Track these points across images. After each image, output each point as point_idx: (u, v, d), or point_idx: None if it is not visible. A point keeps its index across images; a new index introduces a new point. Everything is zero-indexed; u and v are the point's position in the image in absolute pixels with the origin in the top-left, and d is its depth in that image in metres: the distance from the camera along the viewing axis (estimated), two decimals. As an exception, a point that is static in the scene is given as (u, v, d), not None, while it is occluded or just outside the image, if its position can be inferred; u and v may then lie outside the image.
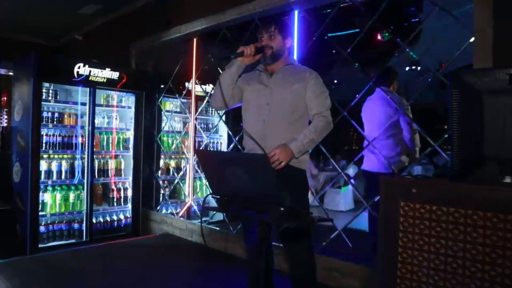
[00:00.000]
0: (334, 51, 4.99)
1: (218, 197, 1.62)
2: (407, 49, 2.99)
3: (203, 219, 4.62)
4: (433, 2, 2.62)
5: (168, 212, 4.81)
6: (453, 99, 1.45)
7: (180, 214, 4.46)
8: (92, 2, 4.99)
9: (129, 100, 4.51)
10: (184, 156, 4.95)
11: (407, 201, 1.52)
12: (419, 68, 7.20)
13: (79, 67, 3.84)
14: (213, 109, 5.43)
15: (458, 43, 2.44)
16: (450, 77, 1.48)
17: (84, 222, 4.08)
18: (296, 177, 2.25)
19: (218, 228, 3.74)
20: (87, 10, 5.23)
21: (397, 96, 3.38)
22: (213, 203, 1.72)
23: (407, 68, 7.22)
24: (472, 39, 2.19)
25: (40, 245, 3.79)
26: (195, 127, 4.61)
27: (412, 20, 4.68)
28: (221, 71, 3.73)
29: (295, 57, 3.01)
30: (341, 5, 3.19)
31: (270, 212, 1.43)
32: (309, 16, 3.45)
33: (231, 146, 4.08)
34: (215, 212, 4.12)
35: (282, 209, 1.40)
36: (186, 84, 4.54)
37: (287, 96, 2.21)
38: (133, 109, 4.49)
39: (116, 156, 4.41)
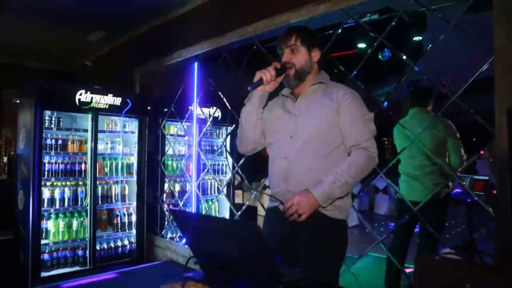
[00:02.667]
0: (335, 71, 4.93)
1: (201, 262, 1.33)
2: (416, 69, 2.81)
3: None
4: (444, 19, 2.49)
5: (174, 236, 4.76)
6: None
7: (184, 241, 4.39)
8: (98, 29, 5.10)
9: (133, 125, 4.52)
10: (190, 179, 4.91)
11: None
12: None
13: (80, 94, 3.87)
14: (219, 132, 5.42)
15: (457, 58, 2.35)
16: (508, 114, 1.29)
17: (88, 249, 4.05)
18: (329, 232, 1.71)
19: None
20: (94, 37, 5.34)
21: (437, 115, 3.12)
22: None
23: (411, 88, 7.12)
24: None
25: (43, 274, 3.75)
26: (197, 151, 4.58)
27: (414, 38, 4.59)
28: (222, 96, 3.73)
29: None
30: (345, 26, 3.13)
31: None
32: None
33: (234, 171, 4.03)
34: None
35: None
36: (189, 107, 4.53)
37: (314, 125, 1.75)
38: (136, 134, 4.50)
39: (120, 182, 4.39)
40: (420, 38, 4.64)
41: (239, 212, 3.81)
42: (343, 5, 2.76)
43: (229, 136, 4.98)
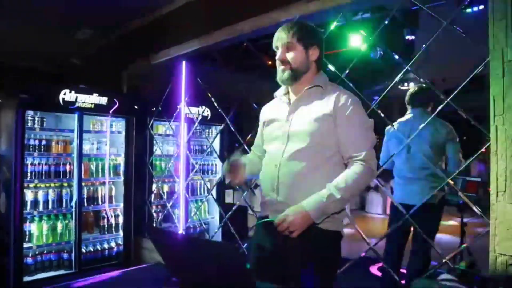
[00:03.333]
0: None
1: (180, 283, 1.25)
2: (410, 70, 2.74)
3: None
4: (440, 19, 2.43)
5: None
6: None
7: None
8: (85, 27, 4.97)
9: (120, 125, 4.41)
10: (178, 179, 4.82)
11: None
12: (411, 85, 7.06)
13: (64, 94, 3.76)
14: (208, 131, 5.34)
15: (448, 58, 2.29)
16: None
17: (73, 252, 3.95)
18: (322, 245, 1.61)
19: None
20: (81, 34, 5.20)
21: (438, 118, 2.95)
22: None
23: (403, 87, 7.11)
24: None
25: (26, 278, 3.64)
26: (185, 151, 4.49)
27: (407, 37, 4.55)
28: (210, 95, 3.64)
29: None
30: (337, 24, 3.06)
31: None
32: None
33: (223, 173, 3.95)
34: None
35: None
36: (177, 106, 4.44)
37: (307, 132, 1.63)
38: (123, 134, 4.39)
39: (106, 183, 4.28)
40: (413, 37, 4.59)
41: (228, 214, 3.73)
42: (335, 3, 2.69)
43: (218, 136, 4.89)
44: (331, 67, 2.88)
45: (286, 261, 1.60)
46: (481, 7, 3.41)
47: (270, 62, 6.46)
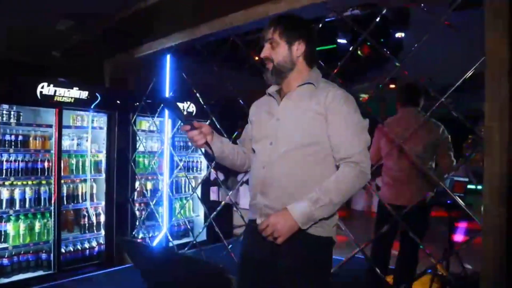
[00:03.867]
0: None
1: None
2: (397, 63, 2.67)
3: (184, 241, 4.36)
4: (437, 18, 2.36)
5: (145, 236, 4.55)
6: None
7: (154, 243, 4.20)
8: (65, 18, 4.77)
9: (101, 120, 4.26)
10: (162, 177, 4.70)
11: None
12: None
13: (42, 87, 3.59)
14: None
15: (437, 56, 2.22)
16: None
17: (52, 252, 3.80)
18: (312, 252, 1.51)
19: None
20: (61, 25, 5.00)
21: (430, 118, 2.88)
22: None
23: (391, 86, 7.07)
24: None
25: (2, 280, 3.48)
26: (170, 147, 4.38)
27: (396, 35, 4.49)
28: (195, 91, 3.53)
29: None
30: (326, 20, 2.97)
31: None
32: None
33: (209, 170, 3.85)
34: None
35: None
36: (162, 102, 4.31)
37: (297, 131, 1.54)
38: (105, 130, 4.24)
39: (87, 180, 4.14)
40: (403, 34, 4.54)
41: (213, 215, 3.63)
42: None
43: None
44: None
45: (275, 269, 1.52)
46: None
47: (257, 58, 6.38)
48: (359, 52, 5.36)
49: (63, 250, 3.89)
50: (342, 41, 4.82)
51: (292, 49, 1.60)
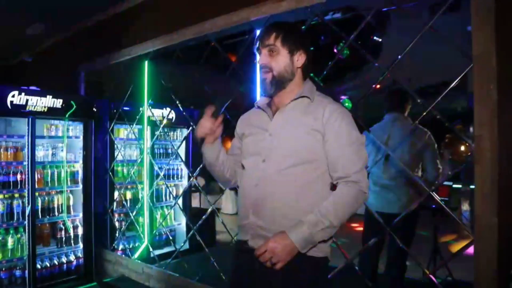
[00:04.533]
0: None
1: None
2: (376, 65, 2.64)
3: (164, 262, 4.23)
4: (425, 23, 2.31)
5: (126, 247, 4.40)
6: None
7: (136, 255, 4.06)
8: (38, 21, 4.58)
9: (77, 129, 4.09)
10: (142, 186, 4.55)
11: None
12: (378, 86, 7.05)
13: (13, 96, 3.41)
14: (175, 133, 5.11)
15: (415, 58, 2.19)
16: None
17: (27, 268, 3.61)
18: (307, 273, 1.44)
19: (177, 275, 3.35)
20: (34, 29, 4.80)
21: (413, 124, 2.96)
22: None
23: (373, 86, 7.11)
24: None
25: (-27, 300, 3.31)
26: (149, 155, 4.24)
27: (374, 37, 4.49)
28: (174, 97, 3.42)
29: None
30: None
31: None
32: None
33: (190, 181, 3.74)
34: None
35: None
36: (140, 109, 4.17)
37: (292, 148, 1.46)
38: (81, 139, 4.07)
39: (63, 192, 3.96)
40: (380, 39, 4.54)
41: (196, 227, 3.51)
42: (308, 3, 2.54)
43: (184, 141, 4.67)
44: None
45: None
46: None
47: (234, 59, 6.27)
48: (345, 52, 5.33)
49: (38, 266, 3.71)
50: (322, 42, 4.79)
51: (293, 59, 1.51)
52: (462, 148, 15.70)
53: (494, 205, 1.77)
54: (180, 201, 4.65)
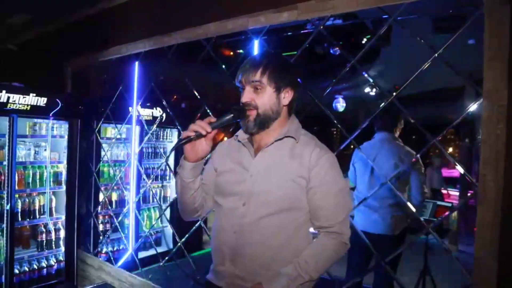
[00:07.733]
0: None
1: None
2: (364, 73, 2.53)
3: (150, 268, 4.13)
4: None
5: (109, 250, 4.28)
6: None
7: (119, 264, 3.94)
8: (22, 11, 4.36)
9: (62, 128, 3.92)
10: (128, 186, 4.41)
11: None
12: (374, 90, 6.99)
13: (-7, 94, 3.24)
14: (164, 135, 4.97)
15: (414, 65, 2.09)
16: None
17: (4, 274, 3.47)
18: None
19: (159, 287, 3.24)
20: (16, 20, 4.57)
21: (404, 146, 2.91)
22: None
23: (366, 90, 7.03)
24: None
25: None
26: (137, 156, 4.11)
27: (364, 40, 4.35)
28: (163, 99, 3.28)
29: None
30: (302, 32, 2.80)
31: None
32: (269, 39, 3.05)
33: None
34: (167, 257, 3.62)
35: None
36: (129, 108, 4.01)
37: (275, 193, 1.35)
38: (66, 138, 3.91)
39: (46, 193, 3.81)
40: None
41: (182, 241, 3.39)
42: (310, 15, 2.40)
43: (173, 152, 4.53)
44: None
45: None
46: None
47: (232, 53, 6.10)
48: (331, 51, 5.21)
49: (16, 271, 3.58)
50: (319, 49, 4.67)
51: (279, 97, 1.40)
52: (450, 149, 15.79)
53: (495, 249, 1.68)
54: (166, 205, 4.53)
